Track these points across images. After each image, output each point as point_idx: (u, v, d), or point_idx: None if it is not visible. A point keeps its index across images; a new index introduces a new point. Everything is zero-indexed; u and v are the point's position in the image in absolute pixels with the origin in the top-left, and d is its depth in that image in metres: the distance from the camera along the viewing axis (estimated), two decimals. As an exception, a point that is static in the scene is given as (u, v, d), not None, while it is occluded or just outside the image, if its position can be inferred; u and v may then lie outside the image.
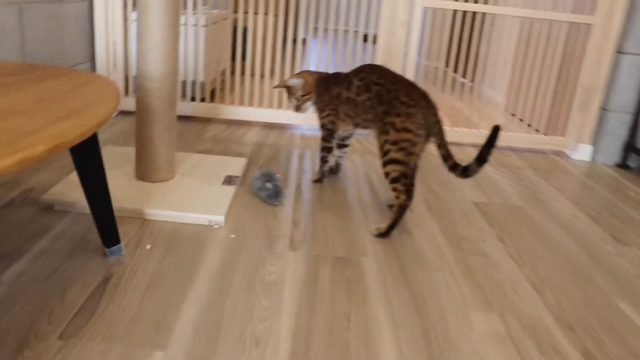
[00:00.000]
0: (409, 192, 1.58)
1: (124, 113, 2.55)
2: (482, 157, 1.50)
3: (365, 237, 1.54)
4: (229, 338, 1.05)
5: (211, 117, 2.63)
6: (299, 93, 1.86)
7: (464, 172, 1.53)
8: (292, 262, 1.36)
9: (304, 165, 2.10)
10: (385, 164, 1.60)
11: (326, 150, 1.90)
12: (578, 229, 1.78)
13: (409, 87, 1.62)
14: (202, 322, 1.09)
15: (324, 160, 1.92)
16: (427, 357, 1.06)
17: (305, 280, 1.29)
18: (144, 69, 1.58)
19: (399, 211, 1.57)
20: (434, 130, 1.59)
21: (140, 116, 1.62)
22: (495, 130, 1.47)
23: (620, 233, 1.79)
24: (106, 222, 1.23)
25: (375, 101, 1.66)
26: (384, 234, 1.57)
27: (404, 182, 1.57)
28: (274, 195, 1.70)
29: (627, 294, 1.40)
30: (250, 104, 2.83)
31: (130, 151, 1.92)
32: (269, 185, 1.71)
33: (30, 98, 0.99)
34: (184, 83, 2.57)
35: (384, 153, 1.60)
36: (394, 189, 1.58)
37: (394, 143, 1.58)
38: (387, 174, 1.60)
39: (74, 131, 0.79)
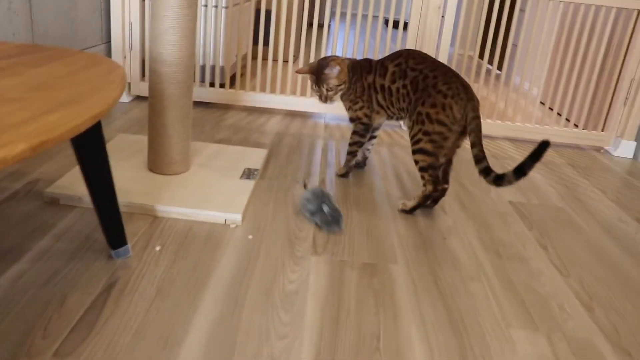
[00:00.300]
0: (435, 183, 1.55)
1: (140, 98, 2.44)
2: (523, 169, 1.38)
3: (394, 240, 1.41)
4: (243, 359, 0.93)
5: (231, 104, 2.51)
6: (334, 83, 1.66)
7: (497, 180, 1.42)
8: (315, 269, 1.24)
9: (328, 157, 1.97)
10: (414, 152, 1.54)
11: (358, 145, 1.75)
12: (626, 235, 1.63)
13: (449, 76, 1.48)
14: (214, 339, 0.97)
15: (352, 154, 1.77)
16: (467, 387, 0.94)
17: (329, 290, 1.16)
18: (158, 52, 1.46)
19: (423, 198, 1.57)
20: (471, 126, 1.45)
21: (152, 103, 1.51)
22: (544, 145, 1.34)
23: (673, 241, 1.63)
24: (111, 223, 1.12)
25: (410, 88, 1.53)
26: (407, 211, 1.58)
27: (431, 172, 1.53)
28: (335, 222, 1.41)
29: (687, 313, 1.26)
30: (272, 90, 2.71)
31: (143, 140, 1.81)
32: (325, 208, 1.41)
33: (24, 83, 0.87)
34: (202, 67, 2.45)
35: (415, 142, 1.53)
36: (422, 177, 1.55)
37: (426, 134, 1.50)
38: (416, 162, 1.55)
39: (65, 125, 0.67)
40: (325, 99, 1.68)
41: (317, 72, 1.65)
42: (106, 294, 1.05)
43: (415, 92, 1.53)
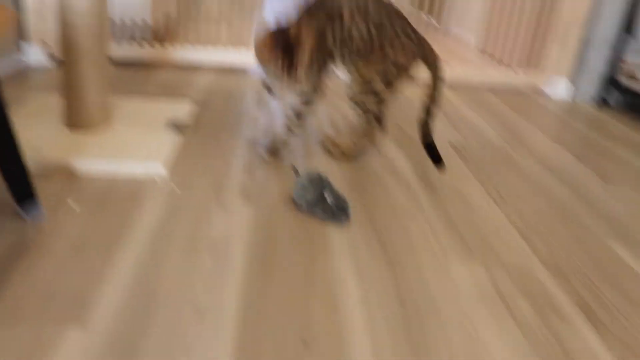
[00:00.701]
0: (380, 122, 1.50)
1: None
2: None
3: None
4: (165, 311, 0.87)
5: (159, 62, 2.38)
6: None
7: (428, 145, 1.48)
8: (244, 215, 1.17)
9: (261, 110, 1.89)
10: (364, 93, 1.42)
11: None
12: (562, 169, 1.63)
13: (413, 27, 1.41)
14: (133, 293, 0.90)
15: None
16: (402, 323, 0.90)
17: (260, 235, 1.10)
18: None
19: (369, 138, 1.50)
20: (436, 80, 1.43)
21: (65, 56, 1.39)
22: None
23: (606, 172, 1.65)
24: (14, 172, 1.02)
25: (374, 27, 1.36)
26: (347, 157, 1.50)
27: (377, 116, 1.48)
28: (342, 211, 1.18)
29: (618, 236, 1.26)
30: (203, 44, 2.58)
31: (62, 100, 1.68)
32: (328, 197, 1.18)
33: None
34: (127, 24, 2.31)
35: (366, 82, 1.41)
36: (367, 120, 1.47)
37: (386, 79, 1.40)
38: (362, 105, 1.44)
39: None
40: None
41: (285, 41, 1.23)
42: (13, 258, 0.96)
43: (379, 29, 1.36)
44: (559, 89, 2.47)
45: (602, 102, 2.43)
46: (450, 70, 2.44)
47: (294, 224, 1.16)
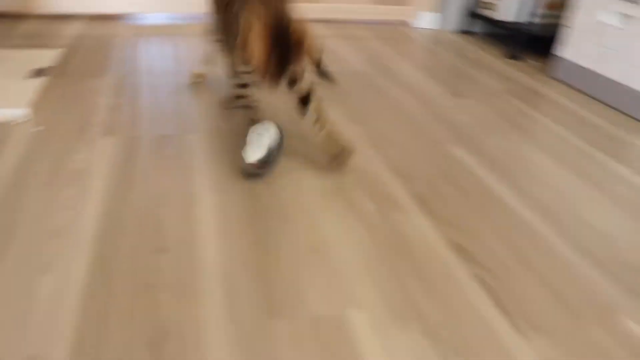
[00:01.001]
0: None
1: None
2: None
3: (195, 114, 1.42)
4: (23, 235, 0.91)
5: (24, 13, 2.28)
6: None
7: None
8: (108, 147, 1.21)
9: (128, 52, 1.89)
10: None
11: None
12: (420, 89, 1.77)
13: None
14: (-9, 221, 0.93)
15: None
16: (249, 221, 1.00)
17: (121, 163, 1.15)
18: None
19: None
20: None
21: None
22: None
23: (458, 89, 1.81)
24: None
25: None
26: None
27: None
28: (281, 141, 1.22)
29: (460, 141, 1.42)
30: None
31: None
32: (274, 151, 1.19)
33: None
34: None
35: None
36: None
37: None
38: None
39: None
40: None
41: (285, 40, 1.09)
42: None
43: None
44: (425, 22, 2.62)
45: (466, 31, 2.61)
46: (323, 6, 2.51)
47: (154, 153, 1.22)
